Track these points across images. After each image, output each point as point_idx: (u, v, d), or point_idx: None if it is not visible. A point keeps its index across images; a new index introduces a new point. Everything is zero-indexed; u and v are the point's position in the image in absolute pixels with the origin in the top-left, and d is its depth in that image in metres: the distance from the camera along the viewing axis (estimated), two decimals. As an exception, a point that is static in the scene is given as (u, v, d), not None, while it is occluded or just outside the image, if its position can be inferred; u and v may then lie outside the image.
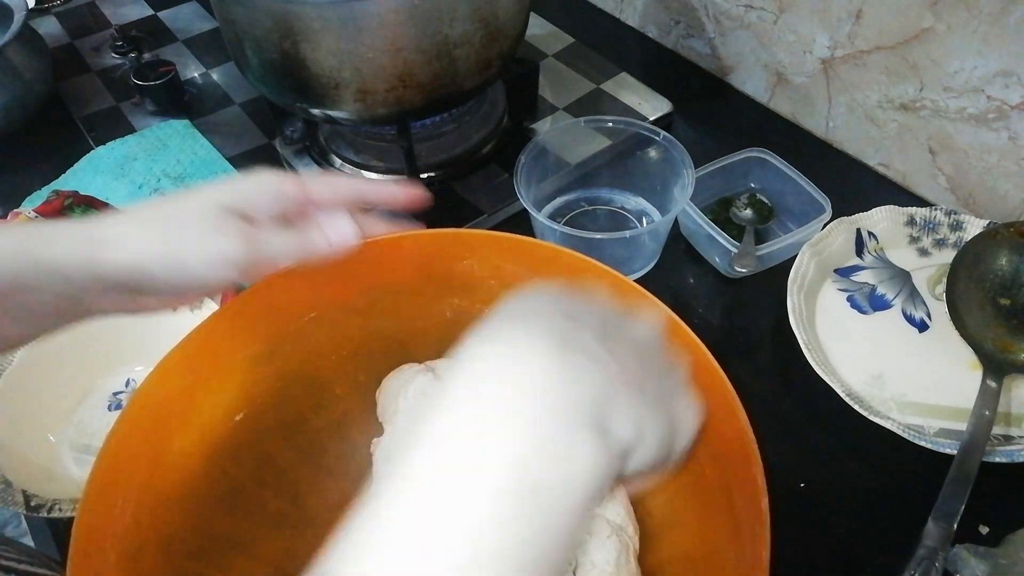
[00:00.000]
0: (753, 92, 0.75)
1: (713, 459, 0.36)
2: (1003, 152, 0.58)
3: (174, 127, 0.71)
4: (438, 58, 0.54)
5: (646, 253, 0.60)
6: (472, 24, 0.54)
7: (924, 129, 0.62)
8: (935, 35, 0.57)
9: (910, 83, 0.61)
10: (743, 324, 0.58)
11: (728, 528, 0.34)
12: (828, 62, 0.67)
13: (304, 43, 0.52)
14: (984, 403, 0.48)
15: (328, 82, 0.54)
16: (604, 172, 0.65)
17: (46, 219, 0.56)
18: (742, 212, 0.63)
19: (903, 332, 0.56)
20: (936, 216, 0.60)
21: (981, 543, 0.44)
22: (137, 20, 0.85)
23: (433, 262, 0.43)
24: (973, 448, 0.46)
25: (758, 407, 0.54)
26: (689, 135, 0.71)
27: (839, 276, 0.58)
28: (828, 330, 0.55)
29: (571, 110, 0.71)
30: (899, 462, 0.49)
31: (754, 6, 0.70)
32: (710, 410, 0.35)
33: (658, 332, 0.31)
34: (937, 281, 0.58)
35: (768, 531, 0.30)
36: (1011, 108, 0.56)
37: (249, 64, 0.58)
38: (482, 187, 0.65)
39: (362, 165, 0.67)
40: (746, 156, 0.63)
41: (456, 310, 0.45)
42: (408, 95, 0.55)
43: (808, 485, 0.48)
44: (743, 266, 0.56)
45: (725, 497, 0.34)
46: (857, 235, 0.59)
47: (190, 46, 0.81)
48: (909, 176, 0.66)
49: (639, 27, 0.84)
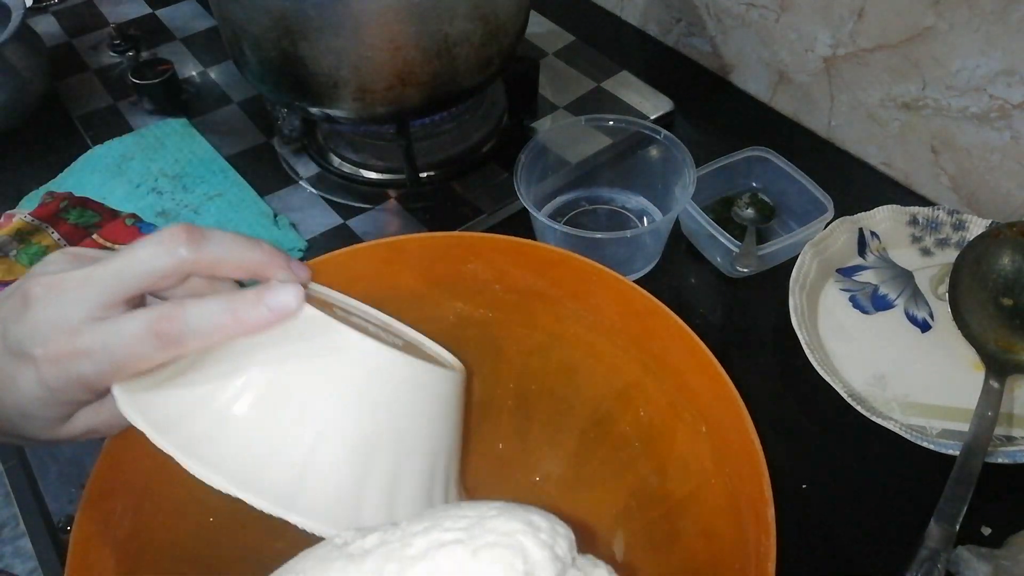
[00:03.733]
0: (755, 91, 0.75)
1: (720, 468, 0.35)
2: (1006, 151, 0.58)
3: (172, 126, 0.71)
4: (437, 56, 0.54)
5: (647, 253, 0.60)
6: (472, 22, 0.54)
7: (926, 128, 0.62)
8: (937, 34, 0.57)
9: (912, 82, 0.61)
10: (744, 324, 0.58)
11: (733, 538, 0.34)
12: (830, 61, 0.66)
13: (303, 41, 0.52)
14: (987, 404, 0.48)
15: (327, 81, 0.54)
16: (605, 171, 0.65)
17: (42, 222, 0.56)
18: (744, 211, 0.62)
19: (905, 332, 0.55)
20: (939, 216, 0.59)
21: (984, 544, 0.44)
22: (135, 18, 0.85)
23: (437, 265, 0.43)
24: (976, 449, 0.46)
25: (759, 408, 0.54)
26: (690, 134, 0.71)
27: (841, 276, 0.58)
28: (830, 330, 0.55)
29: (571, 109, 0.71)
30: (901, 463, 0.49)
31: (756, 4, 0.69)
32: (717, 419, 0.35)
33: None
34: (940, 281, 0.58)
35: (774, 542, 0.30)
36: (1014, 107, 0.56)
37: (247, 63, 0.57)
38: (482, 186, 0.65)
39: (361, 164, 0.67)
40: (748, 155, 0.62)
41: (459, 314, 0.44)
42: (407, 94, 0.55)
43: (810, 486, 0.48)
44: (744, 266, 0.56)
45: (732, 506, 0.34)
46: (859, 235, 0.59)
47: (188, 45, 0.81)
48: (911, 175, 0.66)
49: (640, 25, 0.83)
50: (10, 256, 0.55)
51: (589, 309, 0.41)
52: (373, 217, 0.63)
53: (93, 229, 0.57)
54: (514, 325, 0.44)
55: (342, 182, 0.66)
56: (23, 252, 0.55)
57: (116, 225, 0.57)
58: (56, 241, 0.56)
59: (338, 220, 0.63)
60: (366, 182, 0.66)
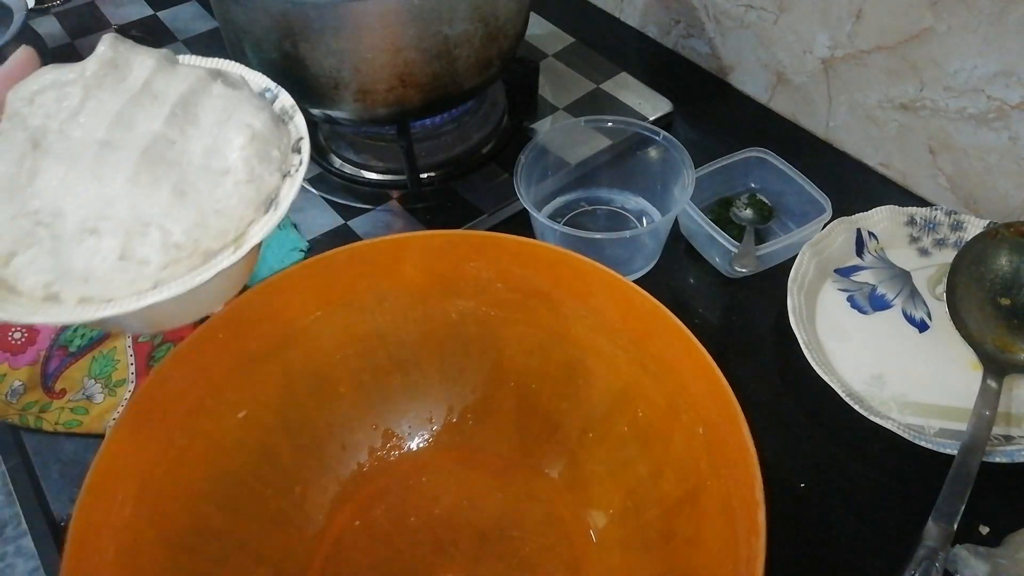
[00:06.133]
0: (753, 92, 0.75)
1: (715, 469, 0.36)
2: (1003, 152, 0.58)
3: (174, 127, 0.71)
4: (438, 58, 0.54)
5: (646, 253, 0.60)
6: (472, 24, 0.54)
7: (924, 129, 0.62)
8: (935, 35, 0.57)
9: (910, 83, 0.61)
10: (743, 324, 0.58)
11: (725, 539, 0.34)
12: (828, 62, 0.66)
13: (303, 43, 0.52)
14: (984, 403, 0.48)
15: (327, 82, 0.54)
16: (604, 172, 0.65)
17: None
18: (742, 212, 0.63)
19: (903, 332, 0.55)
20: (936, 216, 0.60)
21: (981, 543, 0.44)
22: (137, 20, 0.85)
23: (439, 263, 0.43)
24: (973, 448, 0.46)
25: (758, 407, 0.54)
26: (689, 135, 0.71)
27: (839, 276, 0.58)
28: (828, 330, 0.55)
29: (571, 110, 0.71)
30: (899, 462, 0.49)
31: (754, 6, 0.70)
32: (714, 422, 0.35)
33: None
34: (937, 281, 0.58)
35: (763, 544, 0.30)
36: (1011, 108, 0.56)
37: (249, 64, 0.57)
38: (482, 187, 0.65)
39: (362, 165, 0.67)
40: (746, 156, 0.63)
41: (462, 312, 0.45)
42: (408, 95, 0.55)
43: (808, 485, 0.48)
44: (743, 266, 0.56)
45: (725, 507, 0.35)
46: (857, 235, 0.59)
47: (190, 46, 0.81)
48: (909, 176, 0.66)
49: (639, 27, 0.84)
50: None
51: (590, 309, 0.42)
52: (374, 218, 0.63)
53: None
54: (516, 324, 0.44)
55: (343, 183, 0.66)
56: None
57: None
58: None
59: (339, 221, 0.63)
60: (367, 183, 0.66)
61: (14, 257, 0.29)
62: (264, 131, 0.32)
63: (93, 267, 0.28)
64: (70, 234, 0.29)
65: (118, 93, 0.31)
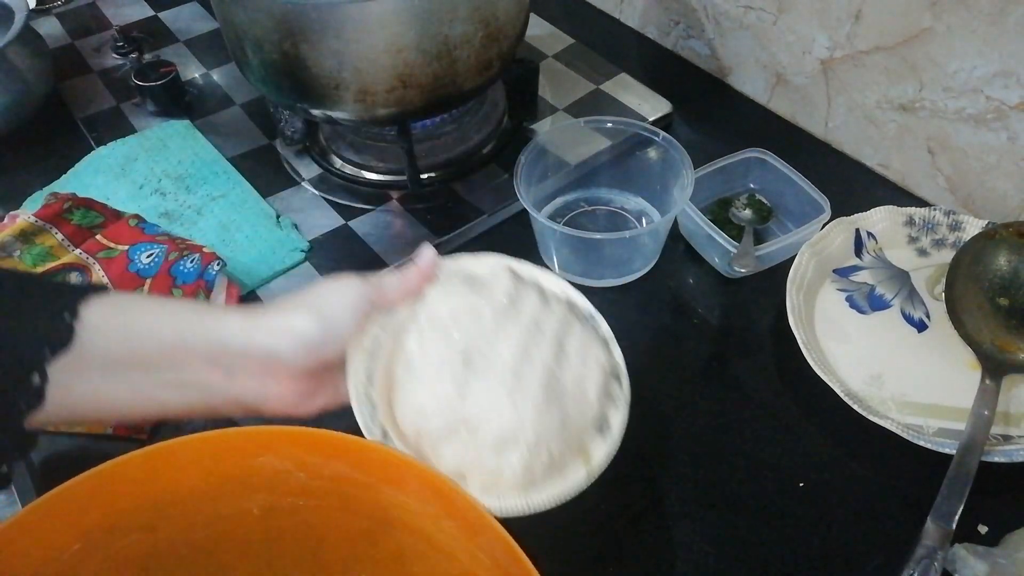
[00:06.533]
0: (752, 93, 0.75)
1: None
2: (1002, 152, 0.58)
3: (175, 127, 0.71)
4: (438, 59, 0.54)
5: (646, 253, 0.60)
6: (472, 25, 0.54)
7: (923, 129, 0.63)
8: (934, 35, 0.58)
9: (909, 83, 0.61)
10: (742, 324, 0.58)
11: None
12: (827, 62, 0.67)
13: (304, 44, 0.52)
14: (983, 403, 0.48)
15: (328, 83, 0.54)
16: (604, 172, 0.65)
17: (46, 223, 0.56)
18: (741, 212, 0.63)
19: (902, 332, 0.56)
20: (935, 216, 0.60)
21: (980, 543, 0.44)
22: (138, 21, 0.85)
23: (224, 463, 0.38)
24: (972, 448, 0.46)
25: (757, 407, 0.54)
26: (688, 135, 0.71)
27: (838, 276, 0.59)
28: (827, 330, 0.55)
29: (571, 110, 0.72)
30: (898, 462, 0.49)
31: (753, 7, 0.70)
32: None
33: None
34: (936, 281, 0.58)
35: None
36: (1010, 108, 0.56)
37: (250, 65, 0.58)
38: (482, 187, 0.66)
39: (362, 165, 0.67)
40: (745, 156, 0.63)
41: (264, 506, 0.39)
42: (408, 96, 0.56)
43: (807, 485, 0.49)
44: (742, 266, 0.56)
45: None
46: (856, 235, 0.59)
47: (191, 47, 0.81)
48: (908, 176, 0.66)
49: (639, 28, 0.84)
50: (14, 256, 0.55)
51: (411, 496, 0.37)
52: (375, 218, 0.64)
53: (97, 230, 0.58)
54: (332, 511, 0.39)
55: (344, 183, 0.66)
56: (27, 252, 0.55)
57: (120, 226, 0.58)
58: (60, 242, 0.56)
59: (340, 221, 0.63)
60: (368, 183, 0.66)
61: (440, 443, 0.39)
62: (610, 369, 0.42)
63: (501, 469, 0.38)
64: (489, 444, 0.38)
65: (518, 325, 0.41)
